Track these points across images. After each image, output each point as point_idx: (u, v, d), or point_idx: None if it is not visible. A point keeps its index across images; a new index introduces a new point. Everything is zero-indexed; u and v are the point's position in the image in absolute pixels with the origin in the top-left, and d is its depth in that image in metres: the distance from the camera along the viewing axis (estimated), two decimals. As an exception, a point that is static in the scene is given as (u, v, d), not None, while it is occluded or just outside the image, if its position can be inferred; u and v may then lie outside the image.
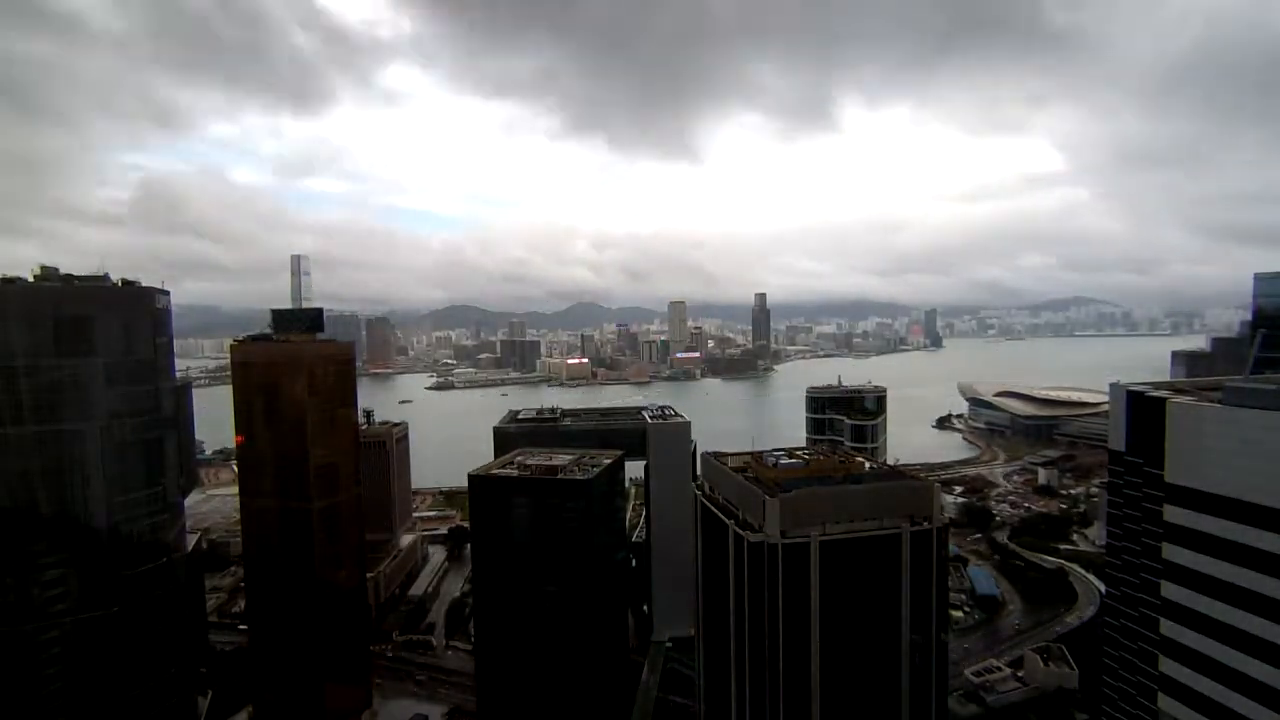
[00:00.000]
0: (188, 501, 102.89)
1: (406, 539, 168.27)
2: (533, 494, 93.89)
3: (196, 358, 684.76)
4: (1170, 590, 65.77)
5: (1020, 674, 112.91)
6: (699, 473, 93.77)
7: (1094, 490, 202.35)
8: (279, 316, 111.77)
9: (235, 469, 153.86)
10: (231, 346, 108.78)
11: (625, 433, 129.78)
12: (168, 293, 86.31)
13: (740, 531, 66.14)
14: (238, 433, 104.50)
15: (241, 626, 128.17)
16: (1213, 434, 62.05)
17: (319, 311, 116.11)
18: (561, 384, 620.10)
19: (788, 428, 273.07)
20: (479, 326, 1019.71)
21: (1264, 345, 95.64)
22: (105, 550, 76.07)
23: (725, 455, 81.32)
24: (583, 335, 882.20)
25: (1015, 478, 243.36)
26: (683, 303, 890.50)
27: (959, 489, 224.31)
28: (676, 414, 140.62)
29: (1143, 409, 69.20)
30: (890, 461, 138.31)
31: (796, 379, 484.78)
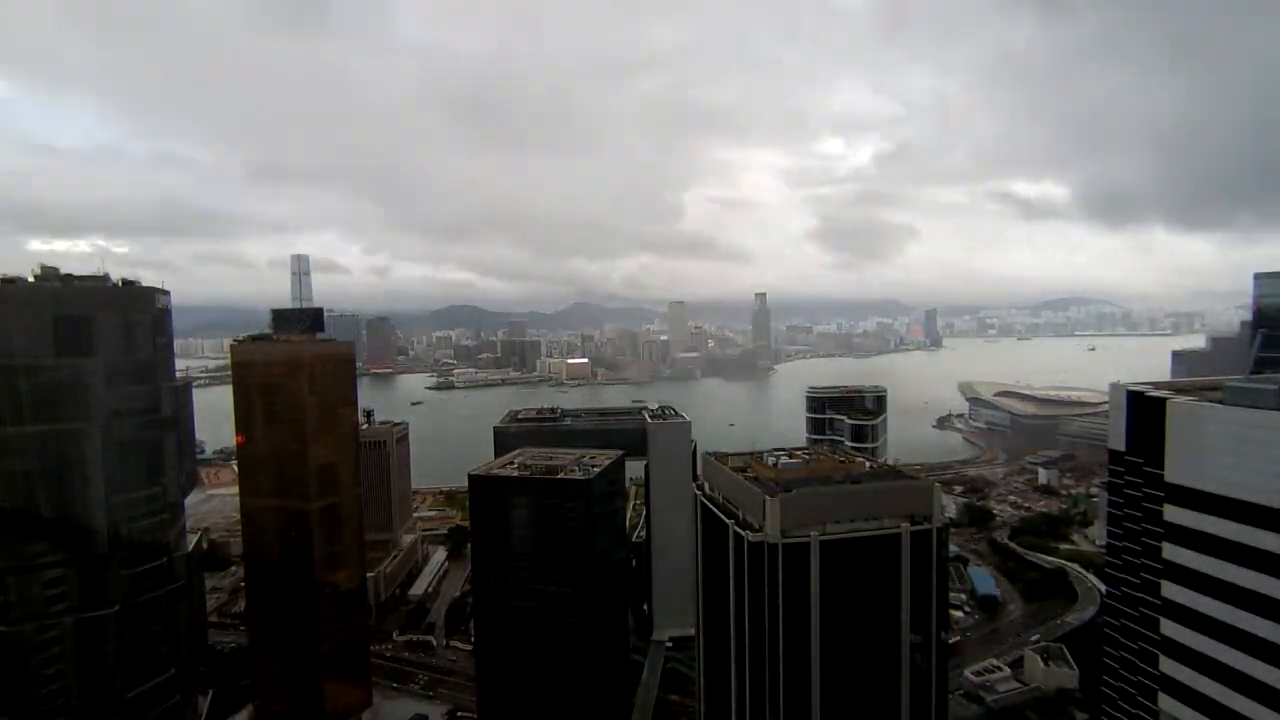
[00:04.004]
0: (188, 501, 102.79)
1: (406, 539, 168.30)
2: (533, 494, 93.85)
3: (197, 358, 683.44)
4: (1170, 590, 65.74)
5: (1020, 674, 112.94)
6: (699, 472, 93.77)
7: (1094, 490, 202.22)
8: (279, 316, 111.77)
9: (235, 469, 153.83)
10: (231, 346, 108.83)
11: (625, 433, 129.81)
12: (168, 293, 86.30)
13: (740, 531, 66.12)
14: (238, 433, 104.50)
15: (241, 626, 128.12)
16: (1213, 434, 62.02)
17: (319, 311, 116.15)
18: (562, 384, 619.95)
19: (788, 428, 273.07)
20: (479, 326, 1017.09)
21: (1264, 345, 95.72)
22: (105, 550, 76.03)
23: (725, 455, 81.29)
24: (583, 335, 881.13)
25: (1015, 478, 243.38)
26: (683, 303, 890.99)
27: (959, 489, 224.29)
28: (677, 414, 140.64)
29: (1143, 409, 69.15)
30: (890, 461, 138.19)
31: (797, 379, 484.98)
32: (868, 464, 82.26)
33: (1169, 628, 66.02)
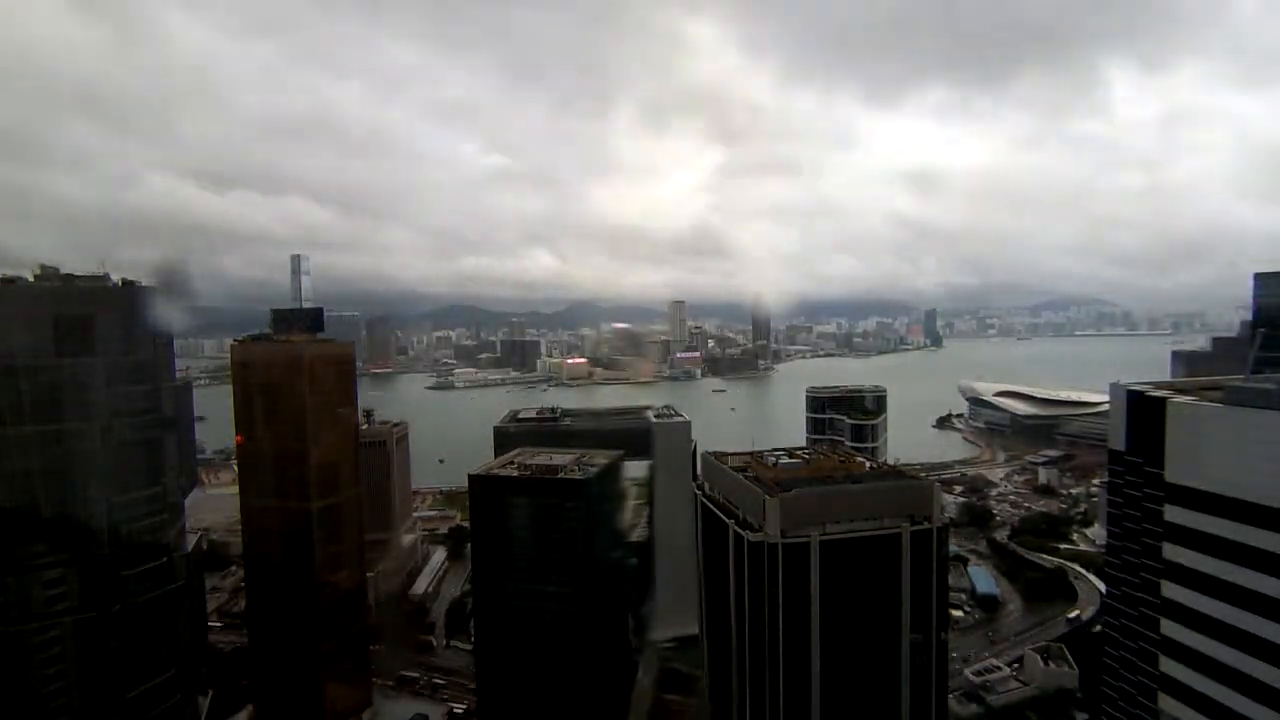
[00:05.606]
0: (188, 501, 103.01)
1: (406, 539, 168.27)
2: (533, 494, 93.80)
3: (197, 358, 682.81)
4: (1170, 590, 65.77)
5: (1020, 674, 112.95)
6: (699, 472, 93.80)
7: (1094, 490, 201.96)
8: (279, 316, 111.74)
9: (235, 469, 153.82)
10: (231, 346, 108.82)
11: (625, 432, 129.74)
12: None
13: (740, 531, 66.17)
14: (238, 433, 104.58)
15: (241, 626, 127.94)
16: (1213, 434, 62.09)
17: (319, 311, 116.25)
18: (562, 384, 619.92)
19: (788, 427, 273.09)
20: (479, 326, 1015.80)
21: (1264, 345, 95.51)
22: (105, 550, 76.07)
23: (725, 455, 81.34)
24: (583, 335, 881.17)
25: (1015, 478, 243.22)
26: (683, 302, 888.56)
27: (959, 489, 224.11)
28: (676, 413, 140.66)
29: (1143, 409, 69.20)
30: (890, 461, 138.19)
31: (797, 378, 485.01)
32: (868, 464, 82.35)
33: (1169, 628, 66.07)
